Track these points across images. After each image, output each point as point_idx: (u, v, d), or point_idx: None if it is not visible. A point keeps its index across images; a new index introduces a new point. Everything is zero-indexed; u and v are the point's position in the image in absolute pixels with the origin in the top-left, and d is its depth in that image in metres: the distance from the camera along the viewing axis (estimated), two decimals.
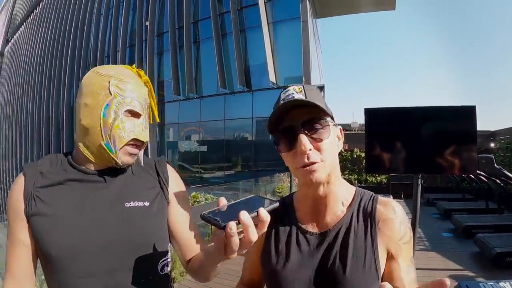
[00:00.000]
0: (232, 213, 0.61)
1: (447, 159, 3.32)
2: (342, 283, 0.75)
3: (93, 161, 0.91)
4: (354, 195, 0.86)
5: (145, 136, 0.93)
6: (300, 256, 0.82)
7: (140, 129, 0.91)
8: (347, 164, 11.80)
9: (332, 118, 0.81)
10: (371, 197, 0.85)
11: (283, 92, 0.81)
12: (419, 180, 3.62)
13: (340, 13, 20.00)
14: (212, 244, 0.65)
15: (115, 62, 21.30)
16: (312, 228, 0.85)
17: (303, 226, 0.86)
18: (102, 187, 0.91)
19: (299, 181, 0.84)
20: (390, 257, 0.78)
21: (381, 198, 0.85)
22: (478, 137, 3.27)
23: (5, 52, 42.07)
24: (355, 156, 11.69)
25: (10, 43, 40.47)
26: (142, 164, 1.01)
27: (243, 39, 16.44)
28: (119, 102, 0.88)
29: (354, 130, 16.28)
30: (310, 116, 0.77)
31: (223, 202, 0.66)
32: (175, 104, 18.68)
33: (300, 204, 0.90)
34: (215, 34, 16.71)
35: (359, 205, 0.84)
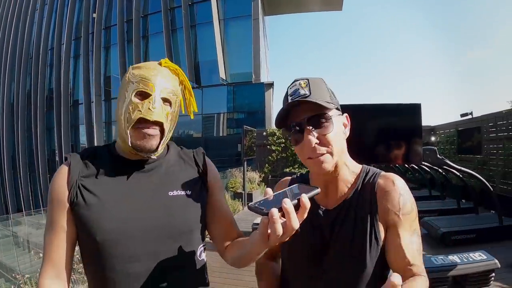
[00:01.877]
0: (276, 201, 0.63)
1: (395, 151, 3.65)
2: (347, 254, 0.83)
3: (125, 150, 0.94)
4: (360, 173, 0.92)
5: (153, 116, 0.88)
6: (312, 228, 0.89)
7: (146, 108, 0.88)
8: (296, 159, 11.95)
9: (338, 108, 0.87)
10: (374, 173, 0.91)
11: (289, 86, 0.86)
12: None
13: (288, 11, 20.32)
14: (255, 231, 0.70)
15: (59, 55, 20.25)
16: (324, 204, 0.91)
17: (317, 202, 0.92)
18: (144, 176, 0.94)
19: (309, 168, 0.91)
20: (390, 228, 0.83)
21: (383, 173, 0.91)
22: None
23: None
24: None
25: None
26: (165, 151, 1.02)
27: (194, 35, 16.15)
28: (131, 86, 0.91)
29: None
30: (314, 112, 0.82)
31: (269, 192, 0.67)
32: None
33: (313, 182, 0.96)
34: (165, 29, 16.32)
35: (363, 181, 0.89)
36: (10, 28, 23.87)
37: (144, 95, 0.89)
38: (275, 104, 15.67)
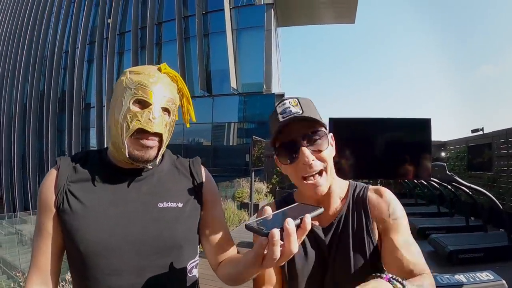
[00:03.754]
0: (276, 221, 0.60)
1: (404, 166, 3.59)
2: (347, 271, 0.83)
3: (117, 158, 0.90)
4: (348, 188, 0.93)
5: (153, 127, 0.85)
6: (312, 250, 0.88)
7: (146, 118, 0.84)
8: None
9: (325, 128, 0.86)
10: (363, 187, 0.92)
11: (278, 105, 0.85)
12: (378, 184, 3.85)
13: (301, 23, 20.53)
14: (250, 250, 0.66)
15: (73, 59, 20.56)
16: (316, 223, 0.90)
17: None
18: (134, 186, 0.90)
19: (302, 192, 0.90)
20: (384, 235, 0.84)
21: (371, 186, 0.92)
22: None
23: None
24: None
25: None
26: (157, 162, 0.96)
27: (206, 44, 16.35)
28: (129, 92, 0.86)
29: None
30: (309, 130, 0.82)
31: (269, 211, 0.63)
32: None
33: (304, 201, 0.91)
34: (178, 37, 16.53)
35: (353, 196, 0.91)
36: (26, 30, 24.26)
37: (143, 104, 0.85)
38: None
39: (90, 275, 0.82)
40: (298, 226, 0.57)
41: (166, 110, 0.88)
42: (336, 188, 0.90)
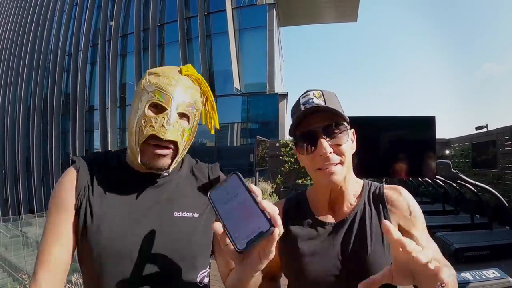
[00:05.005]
0: (238, 226, 0.53)
1: (409, 164, 3.57)
2: (365, 264, 0.80)
3: (134, 162, 0.86)
4: (363, 186, 0.92)
5: (167, 134, 0.80)
6: (320, 246, 0.86)
7: (160, 124, 0.80)
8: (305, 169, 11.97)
9: (347, 122, 0.85)
10: (378, 185, 0.92)
11: (302, 96, 0.85)
12: (383, 183, 3.82)
13: (304, 23, 20.56)
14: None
15: (76, 61, 20.65)
16: (329, 219, 0.89)
17: (320, 218, 0.90)
18: (152, 192, 0.87)
19: (316, 181, 0.88)
20: (404, 231, 0.82)
21: (387, 185, 0.92)
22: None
23: None
24: None
25: None
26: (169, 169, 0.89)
27: (209, 45, 16.39)
28: (146, 95, 0.83)
29: None
30: (329, 122, 0.81)
31: (219, 228, 0.53)
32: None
33: (316, 198, 0.93)
34: (180, 38, 16.59)
35: (369, 194, 0.90)
36: (29, 33, 24.38)
37: (159, 108, 0.81)
38: (288, 115, 15.71)
39: (102, 281, 0.80)
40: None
41: (184, 115, 0.84)
42: (351, 185, 0.89)
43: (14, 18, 26.76)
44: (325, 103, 0.81)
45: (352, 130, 0.88)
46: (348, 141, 0.83)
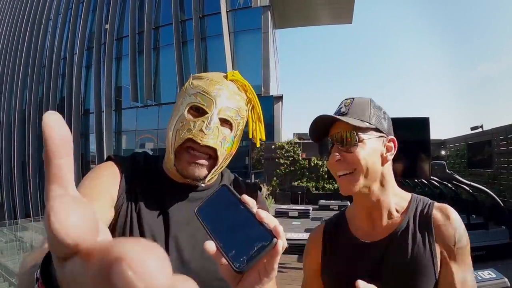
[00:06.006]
0: (233, 242, 0.45)
1: (404, 165, 3.57)
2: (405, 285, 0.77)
3: (170, 169, 0.82)
4: (410, 201, 0.86)
5: (204, 139, 0.74)
6: (362, 267, 0.82)
7: (199, 129, 0.74)
8: (305, 172, 11.98)
9: (378, 130, 0.82)
10: (427, 203, 0.85)
11: (340, 104, 0.86)
12: None
13: (299, 25, 20.70)
14: None
15: (71, 65, 20.61)
16: (368, 238, 0.85)
17: (359, 237, 0.86)
18: (187, 205, 0.81)
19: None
20: (444, 263, 0.78)
21: (437, 204, 0.85)
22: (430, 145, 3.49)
23: None
24: (312, 164, 11.90)
25: None
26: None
27: (204, 47, 16.39)
28: (187, 98, 0.79)
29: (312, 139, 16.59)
30: (342, 130, 0.80)
31: (211, 247, 0.45)
32: (132, 110, 18.21)
33: (354, 215, 0.90)
34: (176, 41, 16.56)
35: (416, 212, 0.83)
36: (24, 36, 24.30)
37: (200, 112, 0.77)
38: (284, 117, 15.75)
39: None
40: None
41: (226, 122, 0.79)
42: (391, 199, 0.84)
43: (8, 22, 26.71)
44: (348, 112, 0.81)
45: (391, 137, 0.85)
46: (365, 150, 0.79)
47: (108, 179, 0.76)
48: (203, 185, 0.82)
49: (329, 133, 0.84)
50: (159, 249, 0.20)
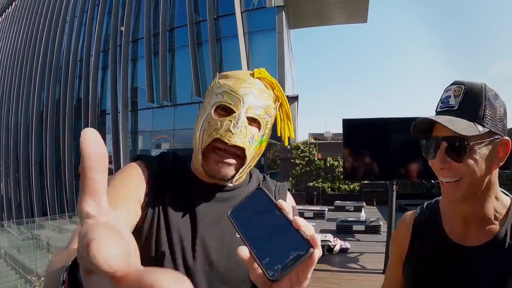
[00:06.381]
0: (268, 249, 0.43)
1: (420, 166, 3.58)
2: None
3: (198, 169, 0.81)
4: (509, 208, 0.77)
5: (232, 139, 0.73)
6: (450, 270, 0.77)
7: (226, 128, 0.73)
8: (320, 173, 11.94)
9: (493, 131, 0.71)
10: None
11: (445, 89, 0.77)
12: (394, 186, 3.84)
13: (314, 25, 20.56)
14: None
15: (88, 67, 20.90)
16: (462, 241, 0.78)
17: (453, 238, 0.80)
18: (214, 205, 0.80)
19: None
20: None
21: None
22: None
23: None
24: (328, 164, 11.83)
25: None
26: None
27: (219, 48, 16.45)
28: (214, 98, 0.78)
29: (327, 140, 16.50)
30: (450, 135, 0.71)
31: (245, 253, 0.43)
32: (148, 111, 18.41)
33: (448, 213, 0.83)
34: (191, 42, 16.66)
35: None
36: (41, 39, 24.72)
37: (227, 111, 0.76)
38: (299, 117, 15.72)
39: None
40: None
41: (254, 121, 0.78)
42: (492, 205, 0.76)
43: (26, 25, 27.17)
44: (459, 106, 0.72)
45: (506, 139, 0.73)
46: (475, 159, 0.71)
47: (135, 180, 0.76)
48: (231, 184, 0.81)
49: (434, 130, 0.76)
50: (188, 282, 0.22)
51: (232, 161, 0.76)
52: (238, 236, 0.46)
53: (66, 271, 0.35)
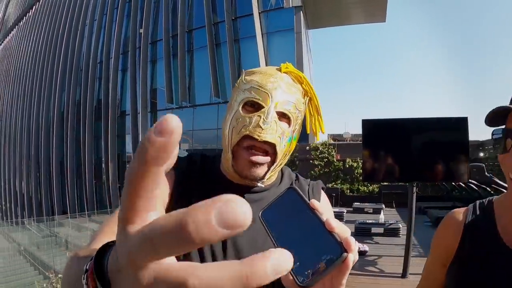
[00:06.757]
0: (299, 253, 0.39)
1: (441, 168, 3.49)
2: None
3: (227, 170, 0.78)
4: None
5: (263, 134, 0.70)
6: (506, 277, 0.69)
7: (255, 124, 0.71)
8: (339, 174, 11.85)
9: None
10: None
11: None
12: (414, 188, 3.73)
13: (332, 25, 20.42)
14: None
15: (108, 69, 21.25)
16: None
17: (506, 241, 0.72)
18: None
19: (510, 191, 0.74)
20: None
21: None
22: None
23: None
24: (347, 165, 11.73)
25: (1, 46, 40.02)
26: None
27: (237, 49, 16.54)
28: (241, 94, 0.76)
29: (346, 140, 16.38)
30: None
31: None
32: (167, 112, 18.51)
33: (506, 214, 0.75)
34: (209, 43, 16.80)
35: None
36: (61, 42, 25.23)
37: (255, 107, 0.74)
38: None
39: None
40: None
41: (284, 116, 0.75)
42: None
43: (47, 28, 27.78)
44: None
45: None
46: None
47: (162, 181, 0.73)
48: (262, 185, 0.78)
49: (508, 121, 0.71)
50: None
51: (263, 159, 0.73)
52: (268, 238, 0.44)
53: (92, 259, 0.34)
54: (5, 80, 34.64)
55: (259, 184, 0.76)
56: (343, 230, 0.40)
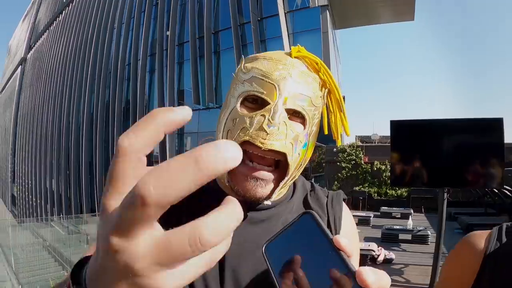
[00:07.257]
0: (314, 272, 0.33)
1: (473, 172, 3.28)
2: None
3: (224, 184, 0.61)
4: None
5: (268, 141, 0.53)
6: None
7: (258, 126, 0.54)
8: (367, 177, 11.67)
9: None
10: None
11: None
12: (445, 194, 3.53)
13: (359, 24, 20.23)
14: None
15: (136, 71, 21.73)
16: None
17: None
18: (251, 231, 0.59)
19: None
20: None
21: None
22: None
23: (27, 58, 43.23)
24: (375, 168, 11.52)
25: (32, 50, 41.54)
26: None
27: (264, 50, 16.53)
28: (240, 87, 0.58)
29: (374, 142, 16.10)
30: None
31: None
32: (194, 113, 18.68)
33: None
34: (235, 44, 16.94)
35: None
36: (91, 45, 26.02)
37: (258, 103, 0.57)
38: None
39: None
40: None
41: (297, 114, 0.58)
42: None
43: (76, 32, 28.69)
44: None
45: None
46: None
47: None
48: (269, 202, 0.61)
49: None
50: None
51: (268, 175, 0.57)
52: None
53: (69, 273, 0.30)
54: (36, 82, 35.97)
55: (266, 202, 0.61)
56: (382, 284, 0.30)
